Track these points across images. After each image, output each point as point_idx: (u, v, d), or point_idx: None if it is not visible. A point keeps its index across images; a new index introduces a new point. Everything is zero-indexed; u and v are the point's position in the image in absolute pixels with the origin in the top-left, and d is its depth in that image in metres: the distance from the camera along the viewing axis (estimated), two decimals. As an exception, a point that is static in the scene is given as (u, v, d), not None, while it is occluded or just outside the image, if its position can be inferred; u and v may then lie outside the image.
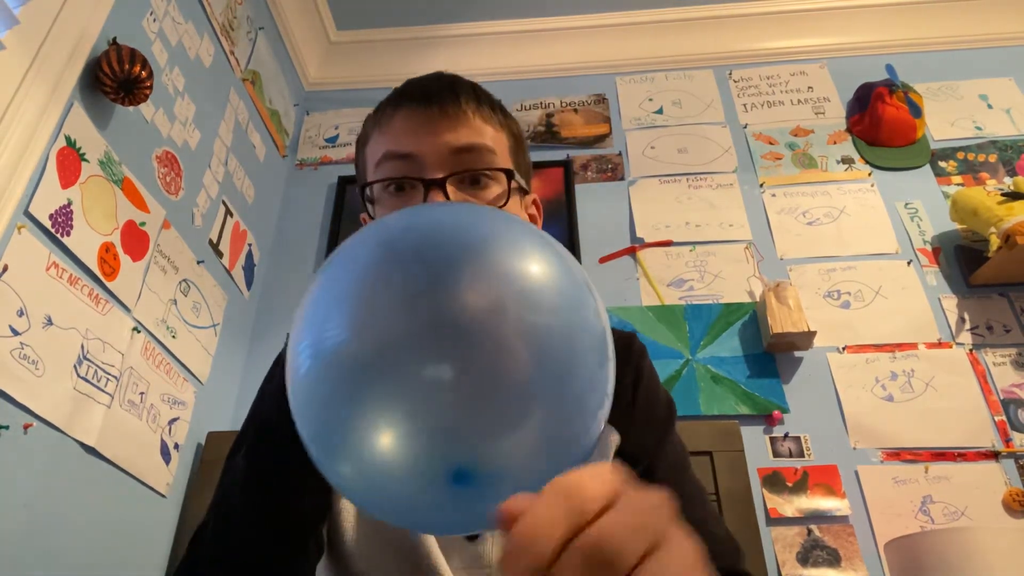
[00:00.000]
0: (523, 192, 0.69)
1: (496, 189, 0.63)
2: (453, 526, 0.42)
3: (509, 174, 0.64)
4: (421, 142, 0.62)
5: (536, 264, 0.38)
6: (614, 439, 0.67)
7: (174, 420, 1.49)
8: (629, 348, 0.74)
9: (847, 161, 2.13)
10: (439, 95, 0.64)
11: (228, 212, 1.83)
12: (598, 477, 0.30)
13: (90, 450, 1.22)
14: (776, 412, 1.70)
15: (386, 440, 0.35)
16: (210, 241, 1.72)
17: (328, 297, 0.39)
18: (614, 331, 0.74)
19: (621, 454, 0.67)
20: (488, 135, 0.65)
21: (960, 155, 2.09)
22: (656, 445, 0.69)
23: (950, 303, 1.84)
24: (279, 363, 0.64)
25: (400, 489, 0.37)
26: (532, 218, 0.73)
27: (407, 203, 0.61)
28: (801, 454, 1.66)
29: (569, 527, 0.28)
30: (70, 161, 1.22)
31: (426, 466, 0.35)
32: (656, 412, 0.72)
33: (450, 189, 0.60)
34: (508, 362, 0.34)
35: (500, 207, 0.62)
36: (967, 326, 1.80)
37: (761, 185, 2.10)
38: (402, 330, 0.35)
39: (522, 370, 0.35)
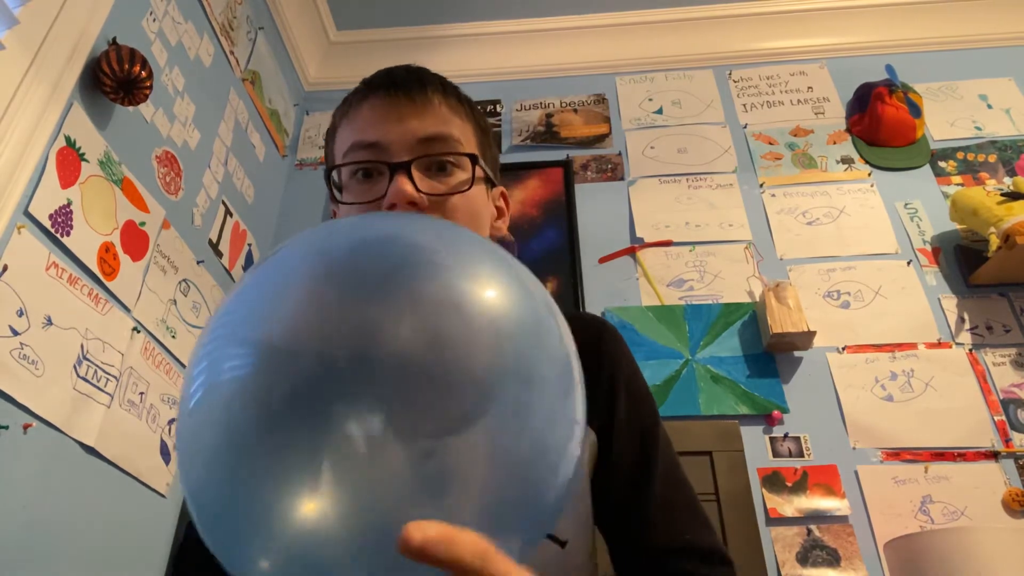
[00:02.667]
0: (491, 184, 0.69)
1: (461, 175, 0.64)
2: None
3: (473, 159, 0.64)
4: (387, 130, 0.62)
5: (489, 287, 0.34)
6: (590, 438, 0.65)
7: (174, 420, 1.49)
8: (599, 339, 0.70)
9: (847, 161, 2.13)
10: (406, 84, 0.64)
11: (228, 212, 1.83)
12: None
13: (90, 450, 1.22)
14: (776, 412, 1.70)
15: (309, 508, 0.29)
16: (210, 241, 1.72)
17: (239, 313, 0.33)
18: (582, 319, 0.73)
19: (603, 460, 0.65)
20: (455, 125, 0.65)
21: (960, 155, 2.09)
22: (647, 451, 0.66)
23: (950, 303, 1.84)
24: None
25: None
26: (500, 210, 0.73)
27: (373, 188, 0.62)
28: (801, 454, 1.66)
29: None
30: (70, 161, 1.22)
31: (363, 537, 0.29)
32: (641, 411, 0.68)
33: (415, 173, 0.61)
34: (450, 402, 0.31)
35: (464, 192, 0.63)
36: (967, 326, 1.80)
37: (761, 185, 2.10)
38: (324, 365, 0.30)
39: (465, 409, 0.30)
